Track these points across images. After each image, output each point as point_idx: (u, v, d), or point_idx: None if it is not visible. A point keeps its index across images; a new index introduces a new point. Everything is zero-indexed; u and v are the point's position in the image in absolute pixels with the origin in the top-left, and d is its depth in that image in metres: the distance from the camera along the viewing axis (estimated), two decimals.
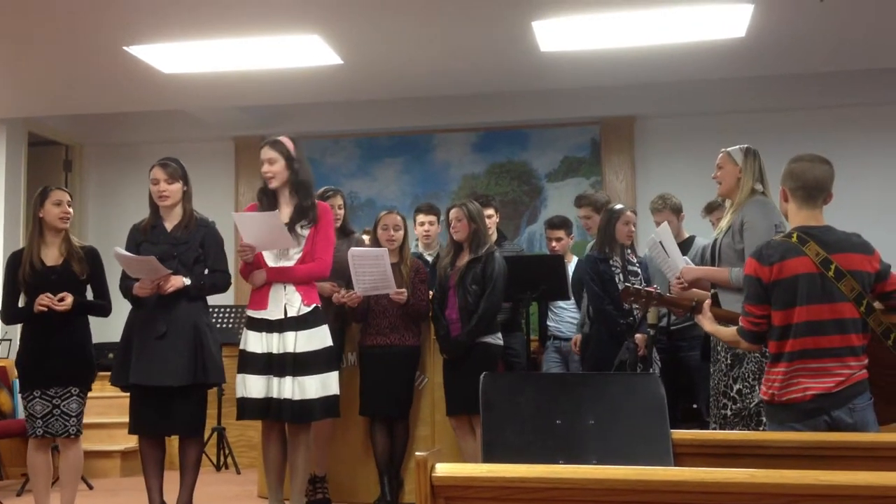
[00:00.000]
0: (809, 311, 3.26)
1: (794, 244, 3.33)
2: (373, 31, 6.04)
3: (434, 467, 2.01)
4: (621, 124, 8.59)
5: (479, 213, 5.53)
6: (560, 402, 2.90)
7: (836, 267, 3.27)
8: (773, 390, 3.33)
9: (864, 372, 3.27)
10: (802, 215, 3.41)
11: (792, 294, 3.29)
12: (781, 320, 3.32)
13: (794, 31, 6.09)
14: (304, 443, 4.77)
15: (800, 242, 3.32)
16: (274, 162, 4.72)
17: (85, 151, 9.45)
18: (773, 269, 3.32)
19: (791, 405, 3.27)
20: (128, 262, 4.66)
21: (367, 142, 9.00)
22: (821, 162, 3.43)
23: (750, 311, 3.42)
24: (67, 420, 4.86)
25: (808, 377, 3.26)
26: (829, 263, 3.27)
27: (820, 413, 3.22)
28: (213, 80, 6.96)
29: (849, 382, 3.24)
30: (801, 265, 3.29)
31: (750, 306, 3.42)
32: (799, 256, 3.30)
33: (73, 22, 5.77)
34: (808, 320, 3.27)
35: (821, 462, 2.48)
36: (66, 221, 4.98)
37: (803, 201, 3.41)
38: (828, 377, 3.24)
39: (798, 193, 3.41)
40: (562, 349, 6.21)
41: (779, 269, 3.31)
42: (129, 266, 4.69)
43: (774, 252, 3.35)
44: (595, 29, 5.94)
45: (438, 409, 5.65)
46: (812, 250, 3.29)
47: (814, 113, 8.17)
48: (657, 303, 4.19)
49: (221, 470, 7.10)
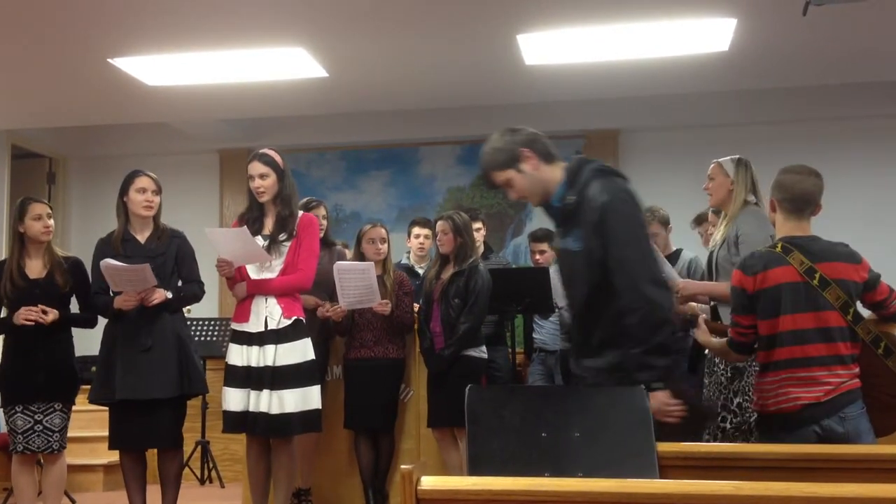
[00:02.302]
0: (795, 320, 3.27)
1: (778, 254, 3.34)
2: (358, 45, 6.04)
3: (419, 480, 2.00)
4: (606, 137, 8.62)
5: (467, 226, 5.52)
6: (546, 414, 2.89)
7: (820, 276, 3.27)
8: (763, 401, 3.33)
9: (856, 381, 3.27)
10: (789, 226, 3.42)
11: (776, 303, 3.30)
12: (768, 330, 3.33)
13: (778, 46, 6.14)
14: (287, 456, 4.74)
15: (784, 252, 3.33)
16: (266, 176, 4.71)
17: (69, 164, 9.42)
18: (756, 278, 3.33)
19: (780, 415, 3.28)
20: (117, 274, 4.60)
21: (352, 154, 9.01)
22: (810, 174, 3.44)
23: (737, 321, 3.43)
24: (50, 435, 4.81)
25: (797, 386, 3.26)
26: (814, 272, 3.27)
27: (809, 422, 3.22)
28: (198, 93, 6.95)
29: (838, 391, 3.23)
30: (784, 274, 3.29)
31: (737, 317, 3.43)
32: (782, 266, 3.31)
33: (56, 34, 5.75)
34: (794, 329, 3.27)
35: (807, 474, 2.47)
36: (49, 235, 4.92)
37: (790, 212, 3.42)
38: (816, 386, 3.24)
39: (785, 205, 3.42)
40: (547, 362, 6.20)
41: (762, 279, 3.32)
42: (117, 277, 4.63)
43: (758, 262, 3.36)
44: (579, 43, 5.96)
45: (424, 421, 5.63)
46: (796, 259, 3.30)
47: (797, 126, 8.23)
48: None
49: (206, 484, 7.05)
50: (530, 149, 3.18)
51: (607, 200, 2.99)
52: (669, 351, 2.99)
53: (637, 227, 3.04)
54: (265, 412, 4.58)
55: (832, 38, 6.02)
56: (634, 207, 3.05)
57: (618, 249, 2.97)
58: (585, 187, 3.06)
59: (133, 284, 4.59)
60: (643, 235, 3.06)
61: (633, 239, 3.00)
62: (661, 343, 2.95)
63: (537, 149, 3.18)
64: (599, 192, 3.02)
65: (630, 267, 2.97)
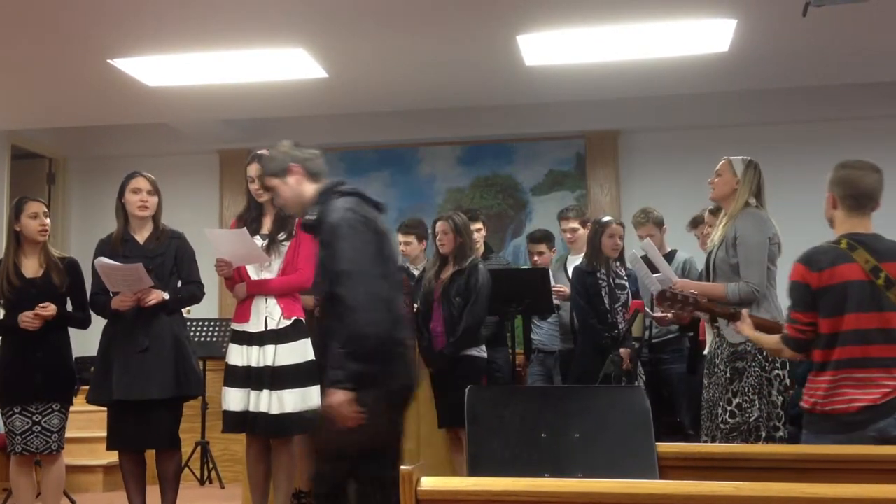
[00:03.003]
0: (858, 320, 3.20)
1: (844, 250, 3.26)
2: (358, 45, 6.04)
3: (419, 481, 2.00)
4: (606, 138, 8.62)
5: (466, 226, 5.53)
6: (545, 415, 2.89)
7: (885, 275, 3.21)
8: (816, 399, 3.25)
9: None
10: (851, 223, 3.34)
11: (841, 301, 3.22)
12: (829, 328, 3.25)
13: (778, 46, 6.14)
14: (287, 456, 4.74)
15: (849, 249, 3.25)
16: None
17: (68, 165, 9.40)
18: (822, 274, 3.24)
19: (834, 416, 3.21)
20: (112, 273, 4.60)
21: (352, 155, 8.99)
22: (871, 169, 3.37)
23: (796, 318, 3.34)
24: (49, 436, 4.81)
25: (854, 387, 3.19)
26: (879, 271, 3.21)
27: (865, 425, 3.15)
28: (198, 93, 6.94)
29: (895, 394, 3.17)
30: (850, 272, 3.22)
31: (796, 313, 3.33)
32: (848, 263, 3.23)
33: (56, 34, 5.74)
34: (857, 329, 3.20)
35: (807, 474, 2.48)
36: (45, 234, 4.91)
37: (852, 209, 3.34)
38: (874, 388, 3.18)
39: (848, 201, 3.35)
40: (546, 363, 6.20)
41: (829, 275, 3.23)
42: (111, 277, 4.63)
43: (824, 258, 3.27)
44: (579, 43, 5.96)
45: (423, 422, 5.63)
46: (861, 257, 3.22)
47: (798, 127, 8.22)
48: (693, 308, 4.02)
49: (205, 484, 7.05)
50: (301, 165, 3.62)
51: (335, 220, 3.38)
52: (370, 361, 3.25)
53: (360, 244, 3.33)
54: (265, 412, 4.58)
55: (832, 39, 6.02)
56: (360, 227, 3.37)
57: (339, 263, 3.31)
58: (325, 207, 3.47)
59: (128, 284, 4.59)
60: (367, 253, 3.35)
61: (354, 255, 3.31)
62: (361, 351, 3.24)
63: (307, 167, 3.63)
64: (332, 211, 3.42)
65: (347, 280, 3.28)
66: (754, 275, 4.21)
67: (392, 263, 3.55)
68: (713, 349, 4.38)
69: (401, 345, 3.48)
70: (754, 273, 4.21)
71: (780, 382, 4.19)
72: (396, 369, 3.42)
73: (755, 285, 4.19)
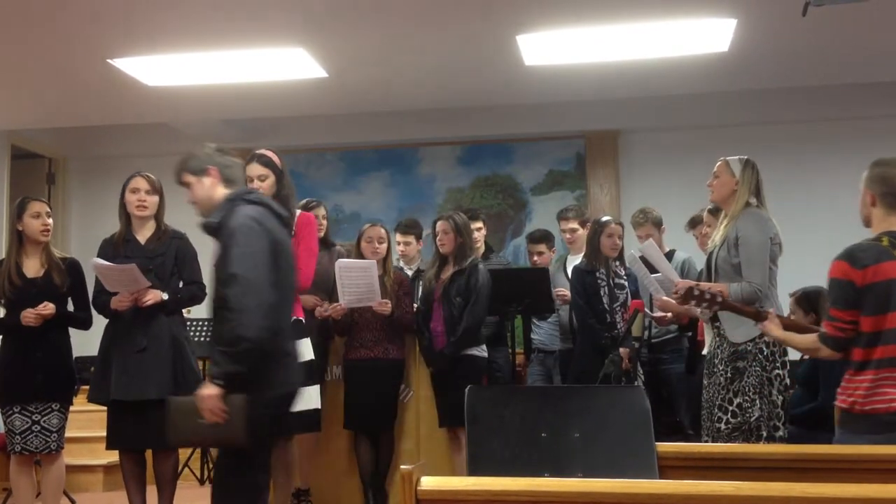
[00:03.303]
0: None
1: (886, 248, 3.23)
2: (358, 45, 6.04)
3: (419, 480, 2.00)
4: (606, 138, 8.62)
5: (466, 226, 5.53)
6: (545, 415, 2.89)
7: None
8: (856, 398, 3.20)
9: None
10: (890, 220, 3.32)
11: (885, 299, 3.18)
12: (871, 326, 3.20)
13: (777, 46, 6.14)
14: (287, 456, 4.74)
15: (891, 247, 3.22)
16: (265, 178, 4.73)
17: (68, 165, 9.40)
18: (866, 272, 3.20)
19: (873, 416, 3.17)
20: (107, 273, 4.61)
21: (351, 155, 9.00)
22: None
23: (838, 316, 3.27)
24: (48, 436, 4.81)
25: (895, 387, 3.15)
26: None
27: None
28: (198, 93, 6.94)
29: None
30: (894, 269, 3.18)
31: (838, 311, 3.27)
32: (892, 261, 3.20)
33: (56, 34, 5.74)
34: None
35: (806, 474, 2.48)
36: (47, 234, 4.91)
37: (891, 206, 3.32)
38: None
39: (887, 199, 3.33)
40: (545, 362, 6.20)
41: (873, 273, 3.19)
42: (107, 277, 4.64)
43: (868, 255, 3.23)
44: (579, 43, 5.96)
45: (423, 422, 5.64)
46: None
47: (797, 126, 8.22)
48: (720, 307, 3.96)
49: (205, 484, 7.04)
50: (218, 169, 3.73)
51: (234, 224, 3.44)
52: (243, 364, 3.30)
53: (254, 251, 3.39)
54: None
55: (832, 39, 6.02)
56: (256, 235, 3.43)
57: (230, 266, 3.37)
58: (229, 212, 3.52)
59: (125, 285, 4.59)
60: (260, 261, 3.40)
61: (245, 260, 3.37)
62: (237, 352, 3.29)
63: (224, 173, 3.74)
64: (233, 216, 3.48)
65: (234, 283, 3.33)
66: (756, 275, 4.20)
67: (287, 275, 3.60)
68: (713, 349, 4.37)
69: (285, 354, 3.55)
70: (756, 273, 4.21)
71: (780, 382, 4.19)
72: (274, 378, 3.47)
73: (758, 285, 4.18)
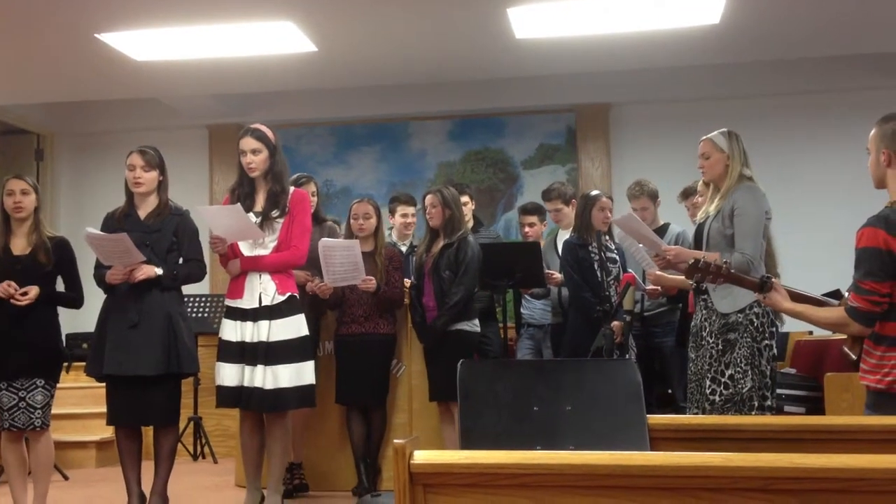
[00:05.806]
0: None
1: None
2: (347, 18, 6.00)
3: (412, 454, 2.00)
4: (596, 111, 8.61)
5: (455, 199, 5.52)
6: (537, 388, 2.90)
7: None
8: (883, 376, 2.98)
9: None
10: None
11: None
12: None
13: (769, 18, 6.12)
14: (282, 431, 4.76)
15: None
16: (258, 152, 4.70)
17: (56, 140, 9.35)
18: None
19: None
20: (100, 244, 4.59)
21: (342, 129, 8.97)
22: None
23: (873, 288, 2.96)
24: (32, 413, 4.78)
25: None
26: None
27: None
28: (187, 68, 6.90)
29: None
30: None
31: (873, 283, 2.96)
32: None
33: (43, 8, 5.69)
34: None
35: (796, 445, 2.49)
36: (20, 212, 4.86)
37: None
38: None
39: None
40: (535, 336, 6.21)
41: None
42: (101, 249, 4.61)
43: None
44: (570, 16, 5.94)
45: (415, 396, 5.65)
46: None
47: (790, 99, 8.22)
48: (725, 279, 3.66)
49: (198, 459, 7.07)
50: None
51: None
52: None
53: None
54: (260, 387, 4.59)
55: (824, 10, 6.00)
56: None
57: None
58: None
59: (118, 256, 4.57)
60: None
61: None
62: None
63: None
64: None
65: None
66: (749, 246, 4.20)
67: None
68: (699, 321, 4.37)
69: None
70: (749, 244, 4.21)
71: (769, 352, 4.21)
72: None
73: (750, 256, 4.18)
